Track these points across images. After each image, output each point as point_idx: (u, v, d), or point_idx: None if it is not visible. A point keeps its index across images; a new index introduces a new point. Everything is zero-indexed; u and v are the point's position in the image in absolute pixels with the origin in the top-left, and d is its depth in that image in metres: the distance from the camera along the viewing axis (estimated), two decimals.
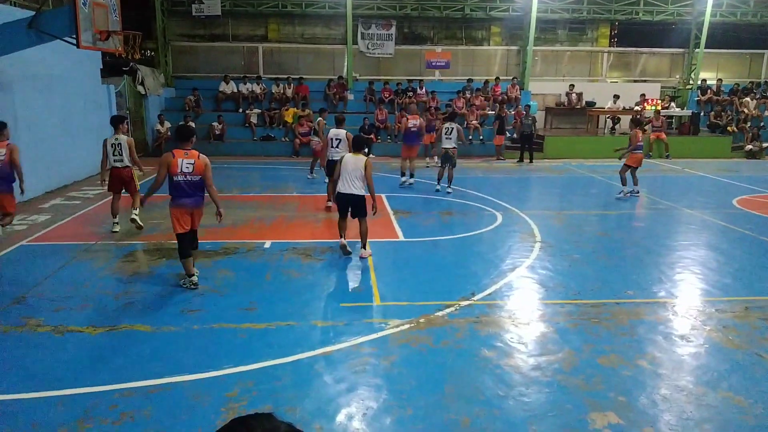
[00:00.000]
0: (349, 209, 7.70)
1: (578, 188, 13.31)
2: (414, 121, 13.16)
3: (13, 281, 6.73)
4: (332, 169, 9.54)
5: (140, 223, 8.86)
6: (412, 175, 13.25)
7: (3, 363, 4.79)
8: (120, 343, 5.16)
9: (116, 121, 8.84)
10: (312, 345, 5.14)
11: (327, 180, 10.79)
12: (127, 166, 8.75)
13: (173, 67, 21.05)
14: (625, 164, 12.06)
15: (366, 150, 17.32)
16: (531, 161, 17.45)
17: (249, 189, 12.62)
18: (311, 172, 13.81)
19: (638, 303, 6.27)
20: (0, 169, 7.65)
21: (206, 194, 6.40)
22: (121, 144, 8.64)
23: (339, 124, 10.61)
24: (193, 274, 6.52)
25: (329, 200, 10.61)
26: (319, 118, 13.37)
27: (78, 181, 13.00)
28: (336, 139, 10.42)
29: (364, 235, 7.72)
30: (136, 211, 8.81)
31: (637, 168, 12.04)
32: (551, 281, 6.93)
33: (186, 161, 6.17)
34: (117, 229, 8.88)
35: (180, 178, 6.16)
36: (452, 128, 12.07)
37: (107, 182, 8.76)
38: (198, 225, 6.61)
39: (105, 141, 8.70)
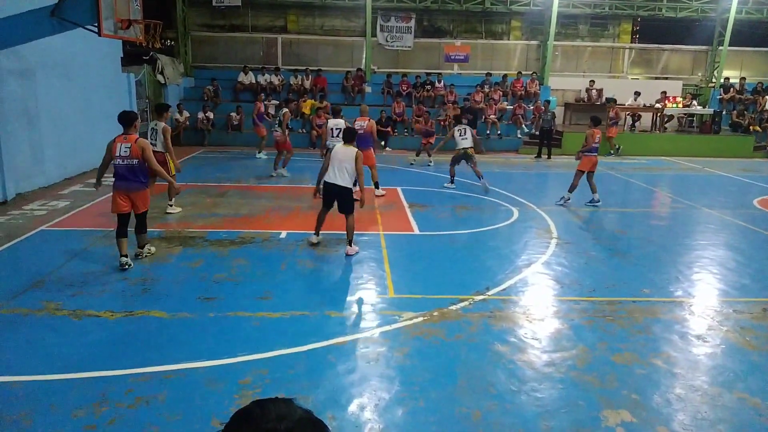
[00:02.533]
0: (335, 202, 7.48)
1: (596, 185, 13.14)
2: (361, 123, 10.69)
3: (33, 265, 6.85)
4: None
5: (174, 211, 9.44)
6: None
7: (22, 345, 4.87)
8: (136, 329, 5.23)
9: (161, 109, 9.38)
10: (325, 335, 5.16)
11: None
12: (160, 152, 8.69)
13: (193, 57, 21.18)
14: (578, 169, 10.61)
15: (382, 143, 17.27)
16: (549, 157, 17.34)
17: (265, 179, 12.68)
18: (275, 169, 13.04)
19: (654, 302, 6.21)
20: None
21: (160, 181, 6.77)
22: (156, 130, 8.96)
23: (336, 114, 10.65)
24: (124, 255, 6.71)
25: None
26: (285, 110, 12.75)
27: (97, 168, 13.10)
28: (336, 129, 10.40)
29: (350, 231, 7.45)
30: (172, 207, 9.42)
31: (593, 172, 10.63)
32: (567, 278, 6.88)
33: (123, 145, 6.59)
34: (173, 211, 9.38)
35: (117, 161, 6.60)
36: (464, 129, 11.83)
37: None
38: (142, 209, 6.87)
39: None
